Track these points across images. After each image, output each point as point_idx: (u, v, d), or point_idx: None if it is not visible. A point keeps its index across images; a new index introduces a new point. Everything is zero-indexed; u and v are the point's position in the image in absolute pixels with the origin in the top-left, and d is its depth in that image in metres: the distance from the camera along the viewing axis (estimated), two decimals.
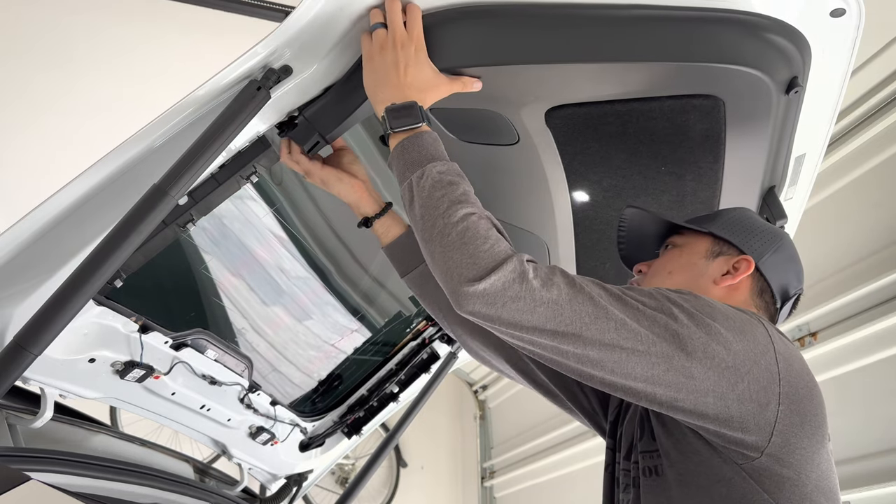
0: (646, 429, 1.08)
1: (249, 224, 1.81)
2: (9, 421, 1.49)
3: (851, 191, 3.22)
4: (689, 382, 0.91)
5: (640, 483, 1.06)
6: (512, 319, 0.92)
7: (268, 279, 1.98)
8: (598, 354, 0.92)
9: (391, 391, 2.32)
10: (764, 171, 1.37)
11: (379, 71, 1.11)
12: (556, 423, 5.09)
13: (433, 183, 1.03)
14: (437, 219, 0.99)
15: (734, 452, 0.95)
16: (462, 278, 0.93)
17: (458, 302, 0.95)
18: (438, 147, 1.09)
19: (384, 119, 1.10)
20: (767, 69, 1.11)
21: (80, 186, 1.16)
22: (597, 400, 1.37)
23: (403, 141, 1.08)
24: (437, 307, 1.40)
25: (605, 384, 0.96)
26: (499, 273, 0.92)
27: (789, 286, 1.20)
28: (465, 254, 0.95)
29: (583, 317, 0.92)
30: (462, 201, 1.01)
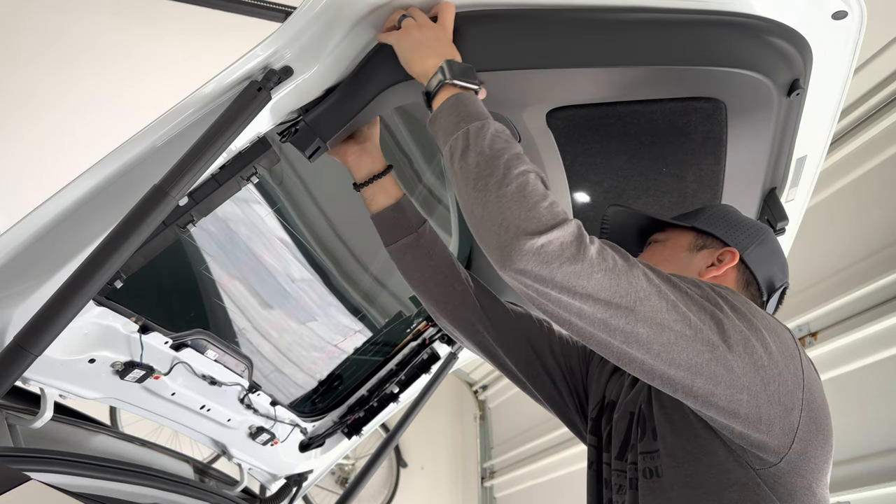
0: (647, 429, 1.06)
1: (250, 224, 1.81)
2: (9, 421, 1.49)
3: (852, 191, 3.22)
4: (729, 376, 0.89)
5: (637, 485, 1.04)
6: (566, 282, 0.87)
7: (268, 279, 1.98)
8: (647, 334, 0.88)
9: (391, 391, 2.32)
10: (765, 173, 1.37)
11: (417, 38, 1.08)
12: (556, 423, 5.05)
13: (493, 135, 0.99)
14: (496, 168, 0.94)
15: (753, 456, 0.94)
16: (520, 231, 0.87)
17: (509, 256, 0.88)
18: (487, 112, 1.07)
19: (442, 68, 1.06)
20: (769, 72, 1.11)
21: (80, 187, 1.16)
22: (569, 394, 1.35)
23: (461, 94, 1.05)
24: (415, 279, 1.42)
25: (643, 370, 0.92)
26: (559, 231, 0.88)
27: (774, 278, 1.20)
28: (524, 206, 0.90)
29: (638, 291, 0.89)
30: (522, 159, 0.97)
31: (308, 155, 1.29)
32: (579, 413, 1.35)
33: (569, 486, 4.98)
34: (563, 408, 1.36)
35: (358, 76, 1.24)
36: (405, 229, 1.38)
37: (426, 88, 1.09)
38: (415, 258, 1.39)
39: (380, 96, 1.24)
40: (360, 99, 1.23)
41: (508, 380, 1.43)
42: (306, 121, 1.27)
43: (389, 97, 1.27)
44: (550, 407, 1.39)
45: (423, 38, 1.08)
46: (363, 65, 1.24)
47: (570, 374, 1.36)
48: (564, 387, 1.35)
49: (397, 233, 1.39)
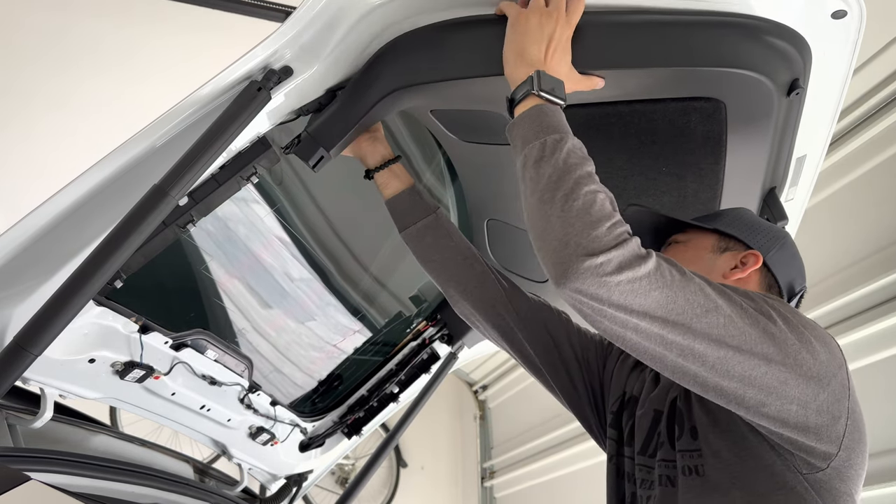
0: (685, 427, 1.06)
1: (250, 224, 1.81)
2: (9, 421, 1.49)
3: (852, 191, 3.22)
4: (781, 388, 0.90)
5: (677, 482, 1.04)
6: (622, 301, 0.88)
7: (268, 279, 1.98)
8: (703, 349, 0.89)
9: (391, 391, 2.32)
10: (765, 172, 1.37)
11: (532, 33, 1.06)
12: (556, 423, 5.09)
13: (570, 150, 0.99)
14: (566, 183, 0.94)
15: (801, 460, 0.94)
16: (580, 248, 0.88)
17: (567, 273, 0.88)
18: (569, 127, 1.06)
19: (532, 79, 1.04)
20: (768, 72, 1.11)
21: (80, 187, 1.16)
22: (584, 387, 1.35)
23: (544, 106, 1.04)
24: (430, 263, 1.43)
25: (697, 382, 0.93)
26: (619, 251, 0.88)
27: (794, 282, 1.20)
28: (587, 224, 0.90)
29: (695, 307, 0.89)
30: (593, 178, 0.97)
31: (312, 165, 1.29)
32: (592, 407, 1.35)
33: (569, 486, 4.98)
34: (577, 400, 1.36)
35: (358, 84, 1.24)
36: (423, 211, 1.41)
37: (511, 95, 1.08)
38: (435, 238, 1.41)
39: (380, 103, 1.24)
40: (361, 107, 1.23)
41: (523, 367, 1.42)
42: (309, 131, 1.27)
43: (390, 104, 1.27)
44: (564, 398, 1.38)
45: (538, 36, 1.06)
46: (363, 72, 1.24)
47: (586, 366, 1.36)
48: (580, 379, 1.35)
49: (416, 214, 1.41)
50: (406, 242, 1.45)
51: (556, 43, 1.06)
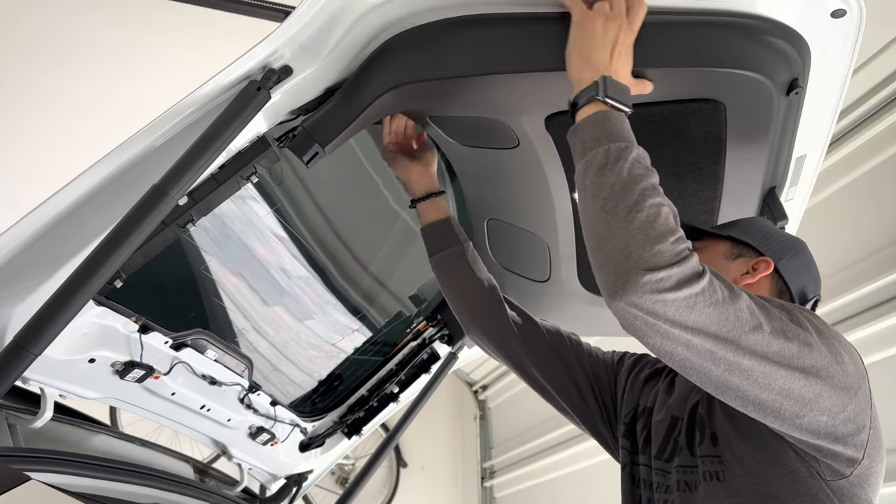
0: (705, 433, 1.08)
1: (250, 224, 1.81)
2: (9, 421, 1.49)
3: (852, 191, 3.22)
4: (816, 400, 0.92)
5: (698, 487, 1.06)
6: (677, 317, 0.88)
7: (268, 279, 1.98)
8: (750, 364, 0.90)
9: (391, 391, 2.32)
10: (765, 172, 1.37)
11: (597, 37, 1.05)
12: (556, 423, 5.09)
13: (634, 160, 0.97)
14: (630, 194, 0.93)
15: (825, 466, 0.96)
16: (641, 262, 0.87)
17: (625, 286, 0.88)
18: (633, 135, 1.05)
19: (597, 84, 1.03)
20: (768, 72, 1.11)
21: (79, 186, 1.16)
22: (595, 403, 1.39)
23: (609, 112, 1.03)
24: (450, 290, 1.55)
25: (738, 396, 0.94)
26: (679, 268, 0.88)
27: (807, 290, 1.22)
28: (650, 239, 0.89)
29: (743, 323, 0.90)
30: (658, 190, 0.96)
31: (306, 161, 1.28)
32: (605, 422, 1.39)
33: (569, 486, 4.98)
34: (589, 417, 1.40)
35: (356, 81, 1.24)
36: (453, 241, 1.54)
37: (574, 98, 1.07)
38: (458, 268, 1.53)
39: (377, 101, 1.24)
40: (358, 104, 1.23)
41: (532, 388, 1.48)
42: (304, 126, 1.26)
43: (387, 103, 1.27)
44: (576, 416, 1.43)
45: (603, 40, 1.05)
46: (361, 69, 1.24)
47: (596, 383, 1.41)
48: (591, 396, 1.39)
49: (446, 242, 1.54)
50: (433, 268, 1.57)
51: (620, 47, 1.05)
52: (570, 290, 1.86)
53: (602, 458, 4.77)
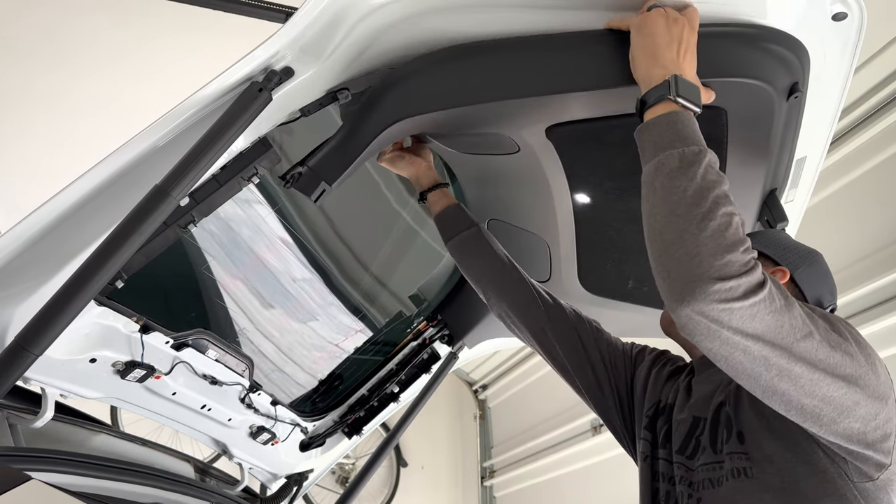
0: (732, 431, 1.10)
1: (250, 224, 1.81)
2: (10, 421, 1.49)
3: (852, 191, 3.22)
4: (854, 407, 0.94)
5: (723, 483, 1.08)
6: (741, 325, 0.89)
7: (269, 279, 1.98)
8: (800, 371, 0.92)
9: (391, 391, 2.32)
10: (765, 175, 1.37)
11: (661, 35, 1.05)
12: (555, 422, 5.09)
13: (708, 165, 0.97)
14: (704, 201, 0.93)
15: (854, 468, 0.98)
16: (712, 271, 0.88)
17: (693, 294, 0.88)
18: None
19: (668, 83, 1.03)
20: (768, 77, 1.11)
21: (81, 187, 1.16)
22: (611, 390, 1.42)
23: (681, 113, 1.02)
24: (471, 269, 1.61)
25: (783, 400, 0.95)
26: (747, 277, 0.89)
27: (823, 299, 1.25)
28: (722, 247, 0.90)
29: (796, 331, 0.92)
30: (730, 199, 0.96)
31: (314, 199, 1.29)
32: (617, 409, 1.42)
33: (568, 486, 4.99)
34: (602, 402, 1.43)
35: (359, 117, 1.25)
36: (467, 223, 1.60)
37: (643, 97, 1.06)
38: (476, 247, 1.58)
39: (382, 135, 1.25)
40: (361, 139, 1.23)
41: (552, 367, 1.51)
42: (310, 165, 1.27)
43: (391, 133, 1.28)
44: (590, 398, 1.46)
45: (667, 39, 1.05)
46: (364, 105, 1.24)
47: (613, 370, 1.43)
48: (606, 382, 1.42)
49: (460, 225, 1.60)
50: (451, 252, 1.63)
51: (685, 45, 1.05)
52: (570, 290, 1.86)
53: (602, 458, 4.79)
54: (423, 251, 2.28)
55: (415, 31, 1.18)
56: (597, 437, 4.54)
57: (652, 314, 1.85)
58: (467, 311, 2.21)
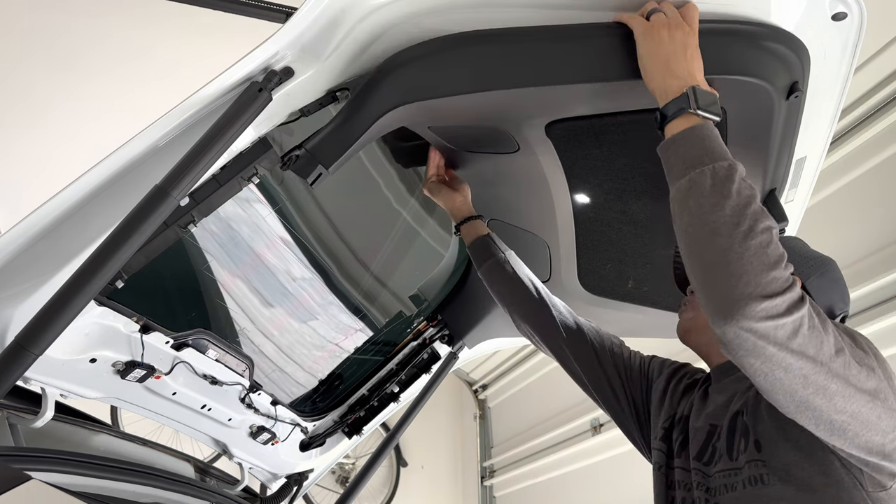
0: (749, 440, 1.12)
1: (251, 224, 1.81)
2: (10, 420, 1.49)
3: (852, 191, 3.22)
4: (876, 421, 0.96)
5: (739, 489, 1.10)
6: (783, 340, 0.91)
7: (269, 279, 1.98)
8: (836, 387, 0.93)
9: (392, 391, 2.33)
10: (765, 174, 1.37)
11: (667, 45, 1.05)
12: (555, 422, 5.09)
13: (741, 180, 0.98)
14: (744, 218, 0.94)
15: (869, 478, 1.00)
16: (757, 289, 0.90)
17: (740, 311, 0.90)
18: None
19: (686, 96, 1.03)
20: (768, 76, 1.11)
21: (81, 187, 1.16)
22: (627, 402, 1.48)
23: (705, 125, 1.02)
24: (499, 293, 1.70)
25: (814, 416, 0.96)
26: (791, 293, 0.90)
27: (834, 307, 1.27)
28: (766, 265, 0.91)
29: (831, 348, 0.93)
30: (766, 212, 0.97)
31: (311, 182, 1.29)
32: (634, 419, 1.47)
33: (568, 486, 4.99)
34: (619, 412, 1.49)
35: (357, 101, 1.24)
36: (496, 252, 1.71)
37: (663, 110, 1.06)
38: (505, 274, 1.68)
39: (380, 120, 1.25)
40: (360, 124, 1.23)
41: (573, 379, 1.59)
42: (307, 148, 1.27)
43: (390, 120, 1.27)
44: (607, 409, 1.52)
45: (673, 47, 1.05)
46: (362, 90, 1.24)
47: (629, 382, 1.49)
48: (623, 395, 1.49)
49: (490, 254, 1.70)
50: (482, 276, 1.74)
51: (691, 49, 1.06)
52: (570, 290, 1.86)
53: (602, 458, 4.79)
54: (423, 251, 2.28)
55: (415, 31, 1.18)
56: (597, 437, 4.54)
57: (651, 314, 1.85)
58: (467, 312, 2.21)
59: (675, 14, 1.08)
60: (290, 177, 1.80)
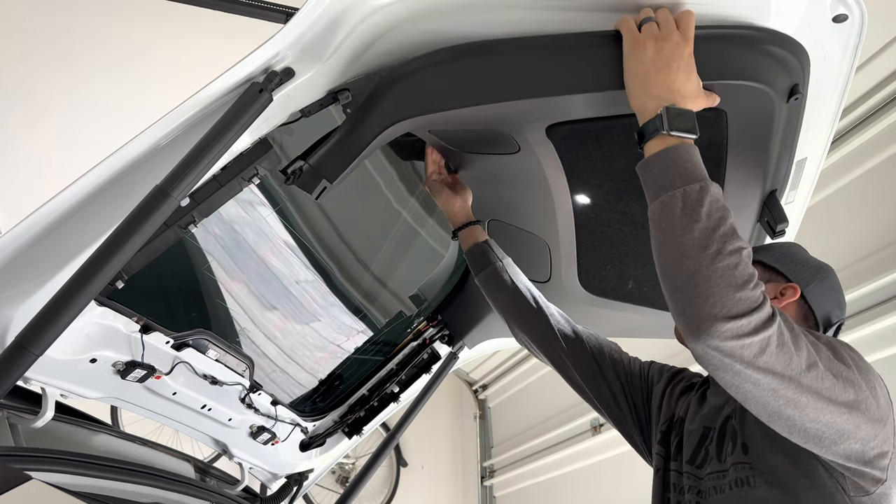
0: (737, 443, 1.14)
1: (251, 224, 1.81)
2: (10, 420, 1.49)
3: (851, 191, 3.22)
4: (854, 431, 0.98)
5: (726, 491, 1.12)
6: (751, 358, 0.93)
7: (269, 278, 1.98)
8: (806, 400, 0.96)
9: (392, 391, 2.33)
10: (765, 176, 1.37)
11: (651, 63, 1.05)
12: (555, 422, 5.09)
13: (713, 202, 0.99)
14: (712, 241, 0.95)
15: (851, 483, 1.02)
16: (723, 310, 0.91)
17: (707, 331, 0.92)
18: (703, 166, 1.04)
19: (661, 117, 1.03)
20: (768, 80, 1.11)
21: (82, 187, 1.16)
22: (628, 407, 1.48)
23: (678, 147, 1.02)
24: (496, 301, 1.68)
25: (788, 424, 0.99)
26: (758, 314, 0.92)
27: (831, 314, 1.28)
28: (732, 286, 0.92)
29: (802, 363, 0.95)
30: (736, 233, 0.98)
31: (315, 196, 1.30)
32: (635, 423, 1.48)
33: (568, 485, 4.99)
34: (620, 417, 1.50)
35: (359, 115, 1.25)
36: (494, 259, 1.69)
37: (640, 129, 1.07)
38: (503, 281, 1.66)
39: (383, 134, 1.25)
40: (362, 138, 1.23)
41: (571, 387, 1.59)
42: (310, 163, 1.27)
43: (393, 132, 1.28)
44: (607, 415, 1.52)
45: (656, 63, 1.04)
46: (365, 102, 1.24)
47: (630, 389, 1.49)
48: (623, 401, 1.49)
49: (487, 261, 1.69)
50: (479, 284, 1.72)
51: (677, 63, 1.04)
52: (570, 290, 1.86)
53: (601, 458, 4.79)
54: (423, 251, 2.28)
55: (416, 33, 1.18)
56: (596, 437, 4.54)
57: (651, 315, 1.85)
58: (467, 312, 2.21)
59: (667, 23, 1.06)
60: None
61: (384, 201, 2.05)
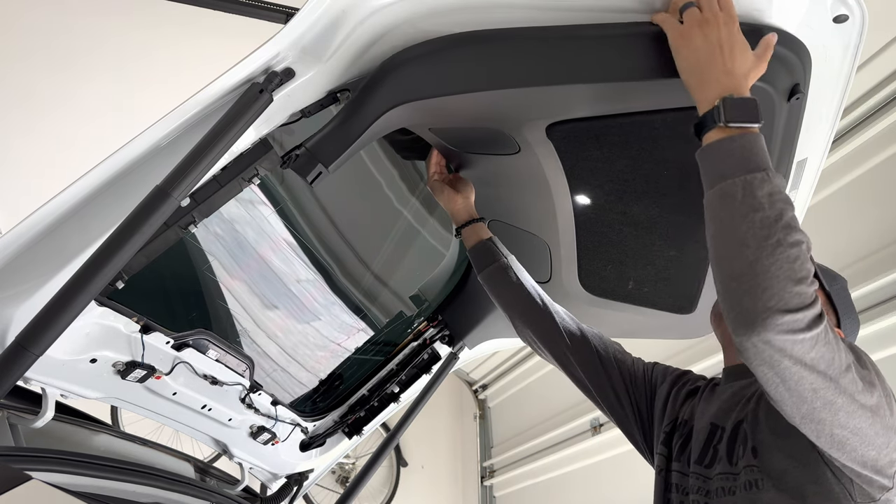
0: (747, 446, 1.14)
1: (252, 224, 1.81)
2: (10, 421, 1.49)
3: (851, 190, 3.22)
4: (874, 437, 0.98)
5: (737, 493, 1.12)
6: (800, 354, 0.91)
7: (269, 278, 1.98)
8: (841, 402, 0.95)
9: (392, 391, 2.33)
10: None
11: (701, 50, 1.02)
12: (555, 422, 5.09)
13: (775, 192, 0.96)
14: (774, 231, 0.93)
15: (858, 489, 1.02)
16: (781, 303, 0.90)
17: (763, 324, 0.90)
18: (768, 156, 1.01)
19: (717, 109, 1.00)
20: (769, 78, 1.11)
21: (82, 187, 1.16)
22: (631, 407, 1.49)
23: (742, 137, 0.99)
24: (500, 298, 1.68)
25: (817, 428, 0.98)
26: (813, 309, 0.91)
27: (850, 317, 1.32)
28: (792, 280, 0.91)
29: (841, 364, 0.95)
30: (796, 223, 0.96)
31: (310, 181, 1.28)
32: (637, 424, 1.48)
33: (568, 485, 4.99)
34: (623, 417, 1.50)
35: (358, 101, 1.24)
36: (497, 257, 1.69)
37: (699, 120, 1.04)
38: (506, 279, 1.66)
39: (380, 119, 1.24)
40: (360, 123, 1.23)
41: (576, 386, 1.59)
42: (307, 147, 1.27)
43: (390, 120, 1.27)
44: (610, 414, 1.53)
45: (706, 49, 1.02)
46: (363, 89, 1.24)
47: (633, 390, 1.50)
48: (627, 401, 1.49)
49: (491, 259, 1.68)
50: (482, 282, 1.71)
51: (728, 44, 1.02)
52: (571, 291, 1.86)
53: (601, 458, 4.79)
54: (424, 251, 2.28)
55: (417, 33, 1.18)
56: (596, 436, 4.54)
57: (652, 315, 1.85)
58: (468, 312, 2.21)
59: (709, 5, 1.04)
60: (291, 177, 1.80)
61: (385, 201, 2.05)
